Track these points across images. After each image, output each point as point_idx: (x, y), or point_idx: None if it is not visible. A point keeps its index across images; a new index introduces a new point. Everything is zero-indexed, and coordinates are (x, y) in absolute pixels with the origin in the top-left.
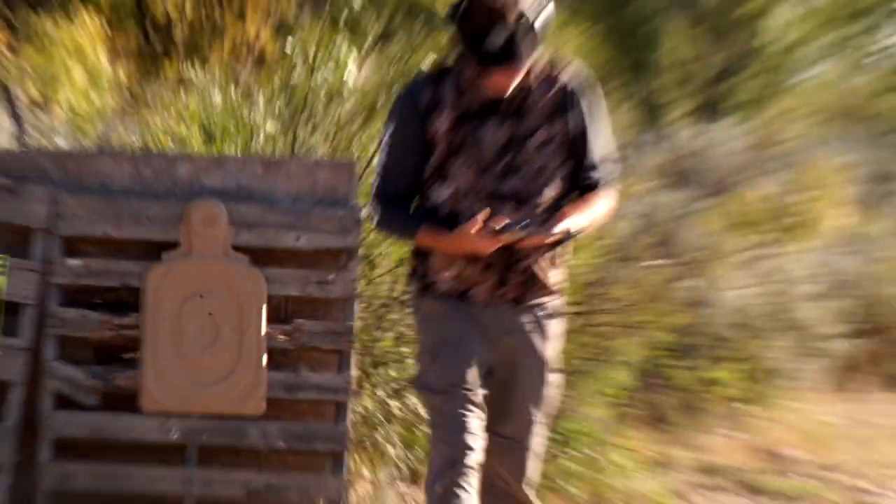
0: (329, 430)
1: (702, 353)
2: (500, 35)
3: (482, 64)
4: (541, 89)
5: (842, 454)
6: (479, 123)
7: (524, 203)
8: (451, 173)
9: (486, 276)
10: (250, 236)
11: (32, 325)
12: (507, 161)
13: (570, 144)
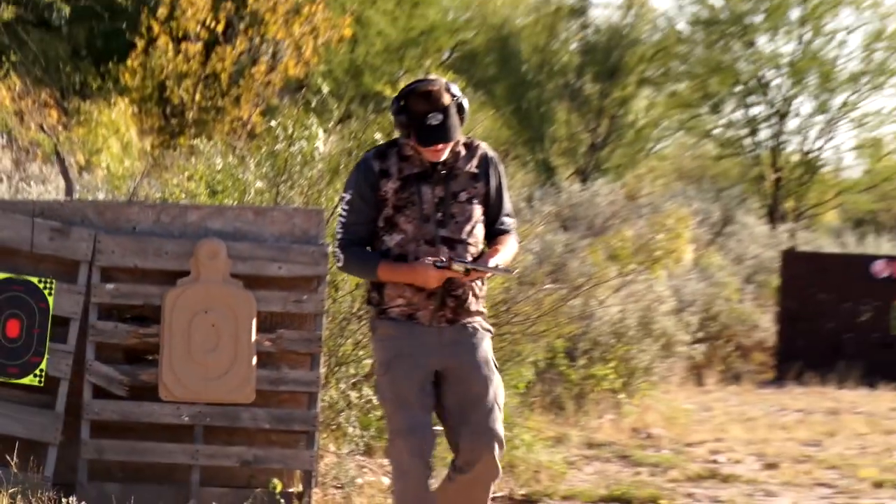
0: (303, 415)
1: (588, 355)
2: (437, 118)
3: (423, 143)
4: (465, 158)
5: (697, 433)
6: (419, 186)
7: (456, 246)
8: (398, 224)
9: (429, 302)
10: (244, 266)
11: (77, 334)
12: (442, 213)
13: (486, 201)
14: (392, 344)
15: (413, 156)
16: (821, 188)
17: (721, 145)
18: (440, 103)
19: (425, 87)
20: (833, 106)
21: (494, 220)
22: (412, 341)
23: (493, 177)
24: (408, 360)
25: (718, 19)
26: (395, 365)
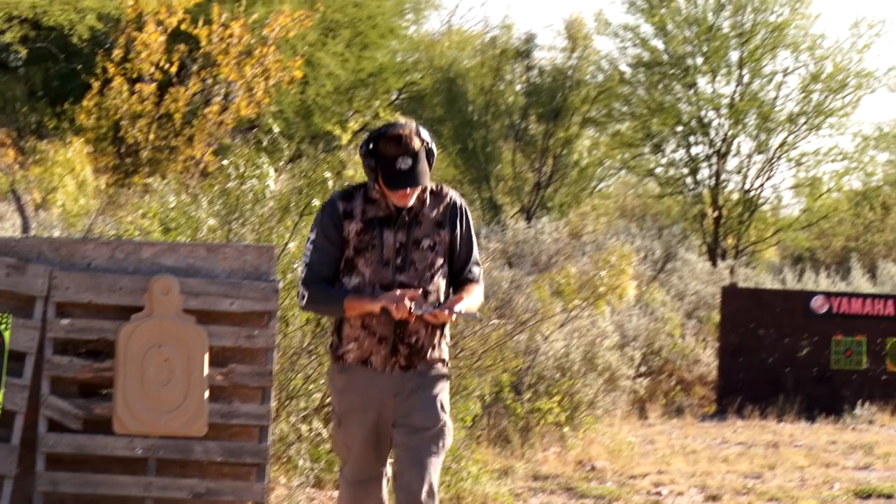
0: (254, 448)
1: (534, 389)
2: (406, 162)
3: (391, 187)
4: (431, 205)
5: (640, 466)
6: (381, 230)
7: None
8: (357, 267)
9: (380, 348)
10: (196, 302)
11: (32, 368)
12: (402, 259)
13: (450, 249)
14: (345, 398)
15: (379, 199)
16: (760, 226)
17: (663, 184)
18: (410, 148)
19: (396, 131)
20: (772, 146)
21: (461, 268)
22: (365, 394)
23: (459, 225)
24: (359, 414)
25: (660, 61)
26: (346, 419)
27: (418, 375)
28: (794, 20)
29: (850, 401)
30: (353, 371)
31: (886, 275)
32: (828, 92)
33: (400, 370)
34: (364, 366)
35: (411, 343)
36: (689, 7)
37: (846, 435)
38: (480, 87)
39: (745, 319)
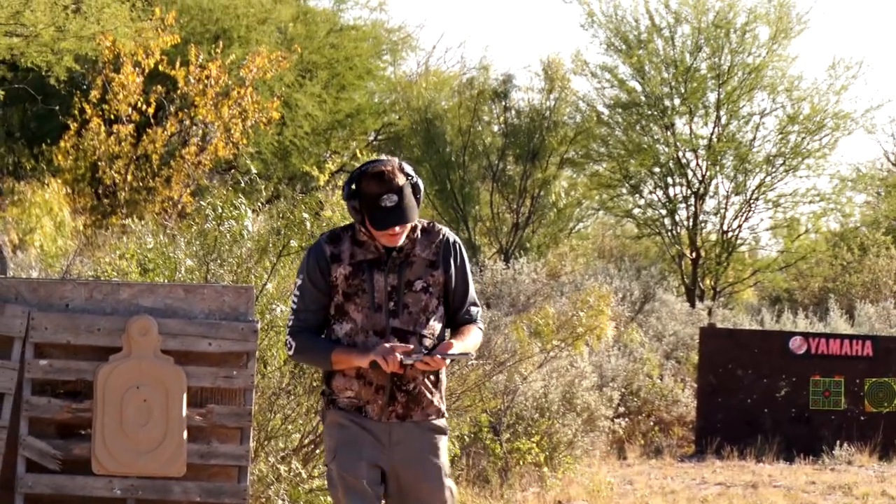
0: (233, 488)
1: (512, 430)
2: (391, 199)
3: (378, 227)
4: (422, 244)
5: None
6: (371, 272)
7: (408, 338)
8: (348, 313)
9: (377, 396)
10: (175, 343)
11: (11, 409)
12: (395, 303)
13: (445, 290)
14: (340, 432)
15: (367, 241)
16: (738, 267)
17: (640, 225)
18: (394, 184)
19: (377, 168)
20: (749, 187)
21: (458, 309)
22: (361, 432)
23: (454, 264)
24: (355, 448)
25: (637, 102)
26: (342, 451)
27: (416, 426)
28: (772, 62)
29: (828, 441)
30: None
31: (864, 316)
32: (805, 133)
33: (397, 419)
34: (358, 413)
35: (409, 390)
36: (666, 48)
37: (825, 475)
38: (458, 127)
39: (724, 360)
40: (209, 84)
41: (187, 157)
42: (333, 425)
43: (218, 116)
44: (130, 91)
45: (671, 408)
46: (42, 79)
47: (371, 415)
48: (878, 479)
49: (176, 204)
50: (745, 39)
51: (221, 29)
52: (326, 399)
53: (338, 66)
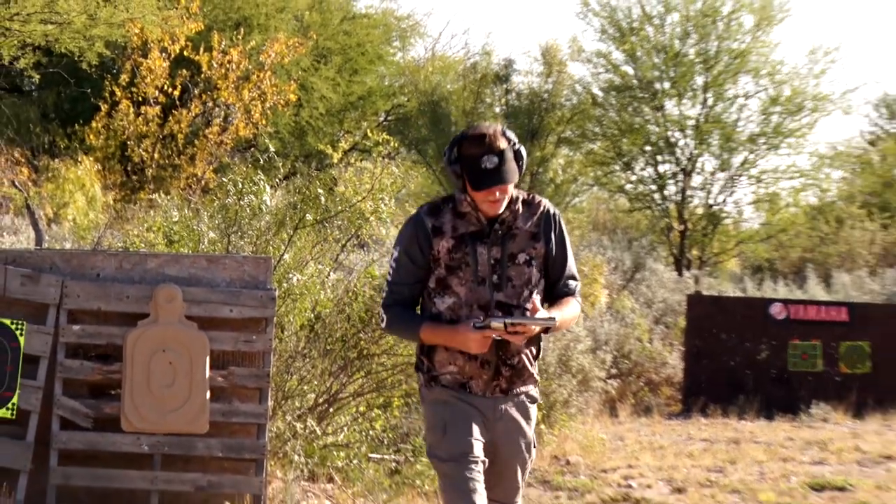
0: (253, 444)
1: None
2: (492, 160)
3: (477, 187)
4: (524, 217)
5: (611, 461)
6: (474, 245)
7: (512, 312)
8: (451, 286)
9: (483, 371)
10: (198, 309)
11: (46, 371)
12: (498, 276)
13: (546, 262)
14: (446, 408)
15: (469, 213)
16: (723, 238)
17: (632, 199)
18: (495, 146)
19: (479, 131)
20: (734, 164)
21: (556, 281)
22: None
23: (553, 236)
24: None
25: (630, 85)
26: (452, 425)
27: (515, 398)
28: (756, 47)
29: (805, 400)
30: (451, 390)
31: (840, 284)
32: (786, 114)
33: (501, 393)
34: (462, 389)
35: (514, 364)
36: (657, 35)
37: (802, 432)
38: (462, 109)
39: (709, 325)
40: (231, 68)
41: (210, 136)
42: (438, 402)
43: (239, 98)
44: (157, 75)
45: (660, 369)
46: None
47: (475, 390)
48: (851, 435)
49: (199, 180)
50: (730, 27)
51: (242, 17)
52: (426, 376)
53: (350, 52)
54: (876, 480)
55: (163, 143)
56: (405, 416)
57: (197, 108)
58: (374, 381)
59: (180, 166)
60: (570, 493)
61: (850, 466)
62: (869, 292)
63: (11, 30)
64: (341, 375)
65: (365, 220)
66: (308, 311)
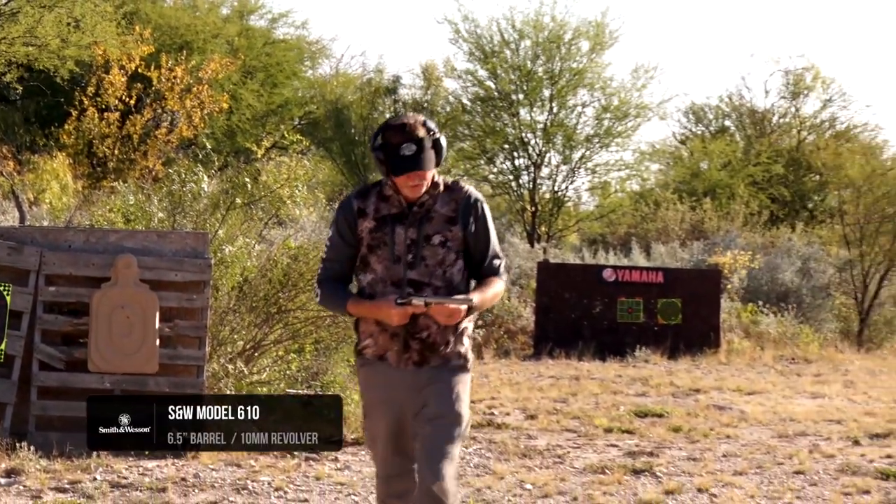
0: (193, 381)
1: None
2: (410, 148)
3: (396, 172)
4: (443, 201)
5: (477, 394)
6: (393, 226)
7: (423, 289)
8: (370, 264)
9: (393, 343)
10: (150, 274)
11: (28, 323)
12: (413, 255)
13: (465, 244)
14: (367, 392)
15: (392, 196)
16: (565, 218)
17: (494, 187)
18: (414, 135)
19: (400, 121)
20: (574, 159)
21: (481, 261)
22: (384, 390)
23: (473, 220)
24: (381, 408)
25: (492, 97)
26: (370, 412)
27: (432, 370)
28: (591, 67)
29: (631, 346)
30: (372, 366)
31: (657, 253)
32: (615, 119)
33: (414, 366)
34: (381, 361)
35: (423, 338)
36: (513, 57)
37: (629, 370)
38: (360, 115)
39: (554, 286)
40: (176, 82)
41: (159, 136)
42: (363, 384)
43: (182, 106)
44: (117, 87)
45: (516, 321)
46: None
47: (391, 361)
48: (667, 373)
49: (151, 171)
50: (571, 50)
51: (185, 41)
52: (356, 350)
53: (271, 69)
54: (686, 408)
55: (121, 142)
56: (315, 359)
57: (149, 114)
58: (290, 331)
59: (136, 160)
60: None
61: (666, 398)
62: (680, 260)
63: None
64: (264, 327)
65: (283, 203)
66: (237, 276)
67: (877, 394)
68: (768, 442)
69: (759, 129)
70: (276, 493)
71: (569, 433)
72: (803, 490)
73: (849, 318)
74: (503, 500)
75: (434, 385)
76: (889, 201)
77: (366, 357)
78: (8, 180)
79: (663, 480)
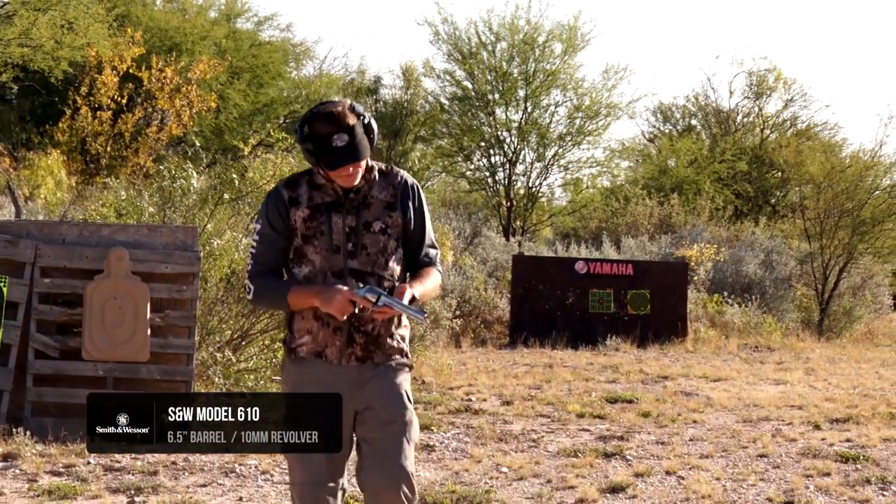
0: (183, 369)
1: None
2: (342, 138)
3: (331, 167)
4: (380, 186)
5: (456, 381)
6: (329, 215)
7: (367, 279)
8: (306, 255)
9: (335, 338)
10: (141, 266)
11: (24, 313)
12: (353, 244)
13: (403, 232)
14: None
15: (324, 184)
16: (539, 212)
17: (471, 182)
18: (345, 123)
19: (327, 109)
20: (547, 156)
21: (416, 251)
22: (320, 387)
23: (411, 206)
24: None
25: (469, 96)
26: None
27: (376, 366)
28: (563, 68)
29: (602, 335)
30: (306, 363)
31: (627, 246)
32: (586, 118)
33: (357, 361)
34: (318, 358)
35: (368, 331)
36: (490, 58)
37: (600, 358)
38: None
39: (529, 278)
40: (166, 82)
41: (150, 134)
42: (292, 383)
43: (172, 105)
44: (109, 87)
45: (492, 311)
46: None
47: (331, 358)
48: (636, 360)
49: (142, 168)
50: (545, 52)
51: (174, 43)
52: (287, 348)
53: (257, 70)
54: (655, 395)
55: (114, 140)
56: None
57: (140, 113)
58: (276, 320)
59: (127, 157)
60: (426, 406)
61: (636, 384)
62: (649, 253)
63: None
64: (251, 317)
65: None
66: (225, 268)
67: (836, 381)
68: (733, 426)
69: (723, 127)
70: (262, 476)
71: (543, 418)
72: (767, 472)
73: (809, 308)
74: (480, 482)
75: (380, 385)
76: (847, 197)
77: (298, 355)
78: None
79: (633, 463)
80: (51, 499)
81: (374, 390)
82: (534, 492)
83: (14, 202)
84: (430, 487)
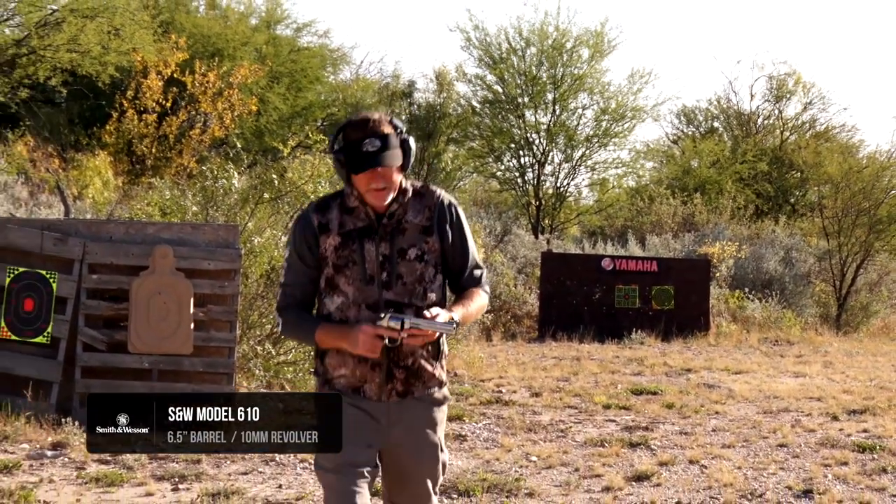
0: (225, 362)
1: None
2: (374, 143)
3: (356, 169)
4: (415, 210)
5: (487, 373)
6: (361, 242)
7: (404, 311)
8: (338, 286)
9: (374, 374)
10: (185, 263)
11: (72, 308)
12: (387, 274)
13: (443, 256)
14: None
15: (357, 207)
16: (567, 211)
17: (501, 183)
18: (379, 130)
19: (363, 116)
20: (575, 157)
21: (460, 272)
22: (358, 414)
23: (450, 228)
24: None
25: (500, 100)
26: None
27: (417, 402)
28: (591, 73)
29: (627, 329)
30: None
31: (652, 244)
32: (612, 121)
33: (397, 397)
34: (356, 394)
35: (407, 366)
36: (519, 63)
37: (625, 352)
38: None
39: (557, 274)
40: (208, 86)
41: (193, 136)
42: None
43: (214, 108)
44: (154, 91)
45: (522, 306)
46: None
47: (369, 395)
48: (661, 354)
49: (186, 168)
50: (572, 57)
51: (217, 49)
52: (321, 380)
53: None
54: (679, 387)
55: (158, 141)
56: None
57: (184, 116)
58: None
59: (171, 158)
60: (458, 397)
61: (660, 377)
62: (672, 250)
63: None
64: None
65: (307, 198)
66: (265, 265)
67: (854, 373)
68: (754, 417)
69: (745, 129)
70: (301, 464)
71: (571, 409)
72: (786, 462)
73: (828, 303)
74: (510, 470)
75: (416, 424)
76: (864, 196)
77: (334, 387)
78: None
79: (657, 453)
80: (98, 486)
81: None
82: (562, 480)
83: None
84: (461, 475)
